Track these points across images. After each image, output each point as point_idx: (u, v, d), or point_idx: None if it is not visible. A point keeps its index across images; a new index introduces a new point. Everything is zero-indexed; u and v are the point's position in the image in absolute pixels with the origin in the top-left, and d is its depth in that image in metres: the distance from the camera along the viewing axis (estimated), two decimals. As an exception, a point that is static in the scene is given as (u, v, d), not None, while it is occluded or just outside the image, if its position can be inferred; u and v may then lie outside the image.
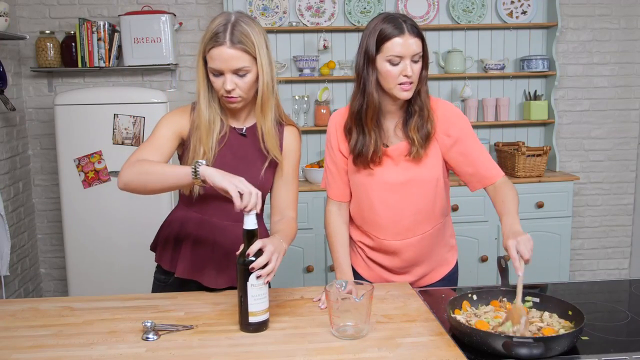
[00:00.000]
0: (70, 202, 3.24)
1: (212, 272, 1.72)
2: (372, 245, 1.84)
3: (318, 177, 3.46)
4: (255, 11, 3.69)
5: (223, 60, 1.54)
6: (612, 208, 4.09)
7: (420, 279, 1.87)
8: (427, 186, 1.76)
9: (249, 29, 1.56)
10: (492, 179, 1.73)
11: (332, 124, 1.82)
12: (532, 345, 1.22)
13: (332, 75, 3.72)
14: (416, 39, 1.62)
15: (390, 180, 1.75)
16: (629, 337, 1.41)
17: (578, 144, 4.01)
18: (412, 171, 1.74)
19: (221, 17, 1.58)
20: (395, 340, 1.39)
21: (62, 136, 3.21)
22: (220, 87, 1.58)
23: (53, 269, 3.89)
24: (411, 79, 1.63)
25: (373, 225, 1.81)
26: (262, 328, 1.45)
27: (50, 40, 3.51)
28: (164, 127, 1.66)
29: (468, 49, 3.84)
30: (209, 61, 1.57)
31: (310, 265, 3.44)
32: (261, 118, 1.65)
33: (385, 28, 1.62)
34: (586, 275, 4.14)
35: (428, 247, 1.83)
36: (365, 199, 1.79)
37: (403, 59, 1.62)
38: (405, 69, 1.62)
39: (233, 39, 1.54)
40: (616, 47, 3.93)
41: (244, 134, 1.70)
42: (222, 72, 1.56)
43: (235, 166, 1.65)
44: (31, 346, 1.38)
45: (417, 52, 1.63)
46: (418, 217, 1.78)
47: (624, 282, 1.89)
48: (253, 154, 1.70)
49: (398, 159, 1.74)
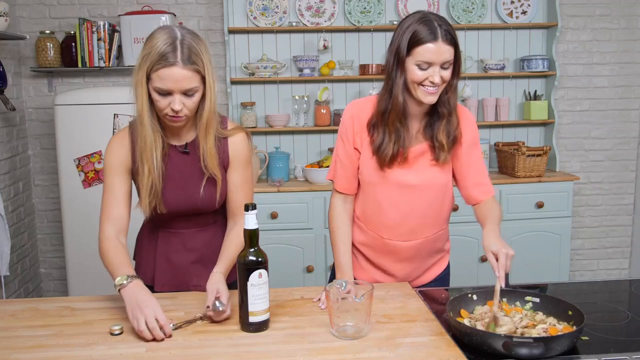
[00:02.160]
0: (70, 202, 3.24)
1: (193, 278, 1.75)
2: (373, 244, 1.83)
3: (318, 177, 3.46)
4: (255, 11, 3.69)
5: (174, 80, 1.48)
6: (612, 208, 4.09)
7: (413, 280, 1.87)
8: (438, 190, 1.75)
9: (197, 47, 1.51)
10: (490, 193, 1.76)
11: (348, 115, 1.77)
12: (532, 345, 1.23)
13: (332, 75, 3.72)
14: (449, 46, 1.58)
15: (402, 181, 1.73)
16: (629, 337, 1.41)
17: (578, 144, 4.01)
18: (426, 174, 1.73)
19: (164, 33, 1.50)
20: (395, 340, 1.39)
21: (62, 136, 3.21)
22: (166, 106, 1.52)
23: (53, 269, 3.89)
24: (436, 85, 1.61)
25: (378, 225, 1.80)
26: (263, 328, 1.45)
27: (50, 40, 3.51)
28: (111, 175, 1.65)
29: (468, 49, 3.84)
30: (156, 80, 1.49)
31: (310, 265, 3.44)
32: (204, 138, 1.61)
33: (420, 31, 1.57)
34: (586, 275, 4.14)
35: (426, 251, 1.84)
36: (373, 198, 1.78)
37: (432, 66, 1.59)
38: (432, 75, 1.59)
39: (184, 58, 1.48)
40: (616, 47, 3.93)
41: (186, 150, 1.67)
42: (171, 92, 1.50)
43: (181, 184, 1.67)
44: (31, 346, 1.38)
45: (449, 59, 1.59)
46: (424, 221, 1.78)
47: (624, 282, 1.90)
48: (193, 171, 1.67)
49: (413, 161, 1.73)
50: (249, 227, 1.43)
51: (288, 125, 3.75)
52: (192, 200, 1.68)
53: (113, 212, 1.65)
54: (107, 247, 1.61)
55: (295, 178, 3.73)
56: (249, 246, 1.44)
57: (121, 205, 1.66)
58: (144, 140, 1.58)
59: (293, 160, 3.82)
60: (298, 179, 3.69)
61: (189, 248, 1.75)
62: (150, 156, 1.59)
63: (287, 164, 3.67)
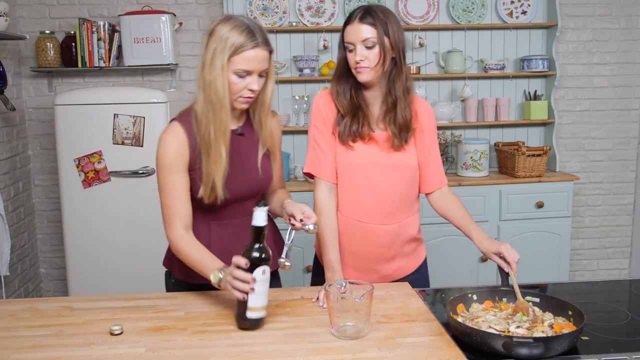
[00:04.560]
0: (70, 202, 3.24)
1: None
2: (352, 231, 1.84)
3: (318, 177, 3.46)
4: (255, 11, 3.69)
5: (257, 61, 1.57)
6: (612, 208, 4.09)
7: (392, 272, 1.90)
8: (407, 172, 1.84)
9: None
10: (442, 182, 1.90)
11: (319, 102, 1.88)
12: (532, 345, 1.23)
13: (332, 75, 3.71)
14: (366, 26, 1.71)
15: (375, 162, 1.81)
16: (629, 337, 1.41)
17: (578, 144, 4.01)
18: (395, 156, 1.82)
19: (233, 20, 1.58)
20: (395, 340, 1.39)
21: (62, 136, 3.21)
22: (242, 88, 1.59)
23: (53, 269, 3.89)
24: (362, 65, 1.72)
25: (357, 209, 1.83)
26: (258, 325, 1.45)
27: (50, 40, 3.51)
28: (172, 174, 1.64)
29: (468, 49, 3.84)
30: (239, 62, 1.56)
31: (310, 265, 3.44)
32: (267, 117, 1.71)
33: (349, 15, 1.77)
34: (586, 275, 4.14)
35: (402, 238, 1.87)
36: (350, 182, 1.83)
37: (355, 46, 1.73)
38: (356, 56, 1.73)
39: (263, 40, 1.58)
40: (616, 47, 3.93)
41: (242, 132, 1.72)
42: (251, 72, 1.58)
43: (239, 166, 1.69)
44: (31, 346, 1.39)
45: (367, 37, 1.71)
46: (397, 204, 1.84)
47: (624, 282, 1.90)
48: (248, 153, 1.73)
49: (383, 145, 1.82)
50: (257, 224, 1.44)
51: (288, 125, 3.75)
52: (252, 180, 1.73)
53: (180, 209, 1.64)
54: (185, 247, 1.62)
55: (295, 178, 3.73)
56: (254, 242, 1.44)
57: (185, 201, 1.65)
58: (221, 125, 1.60)
59: (293, 160, 3.82)
60: (298, 179, 3.69)
61: (244, 236, 1.71)
62: (226, 140, 1.62)
63: (287, 164, 3.67)
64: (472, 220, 1.83)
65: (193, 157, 1.64)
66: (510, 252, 1.63)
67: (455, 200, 1.90)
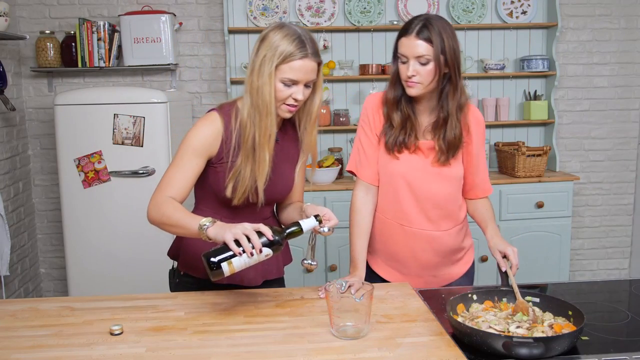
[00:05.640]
0: (70, 202, 3.23)
1: (250, 271, 1.71)
2: (395, 234, 1.86)
3: (319, 177, 3.46)
4: (255, 11, 3.69)
5: (305, 71, 1.57)
6: (612, 208, 4.09)
7: (438, 278, 1.91)
8: (452, 182, 1.83)
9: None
10: (488, 191, 1.90)
11: (368, 104, 1.87)
12: (532, 345, 1.23)
13: (332, 75, 3.72)
14: (422, 41, 1.67)
15: (419, 171, 1.80)
16: (629, 337, 1.41)
17: (578, 144, 4.01)
18: (440, 167, 1.81)
19: (285, 29, 1.58)
20: (395, 340, 1.39)
21: (62, 136, 3.20)
22: (287, 96, 1.59)
23: (53, 269, 3.89)
24: (413, 79, 1.70)
25: (399, 214, 1.85)
26: (218, 277, 1.44)
27: (50, 40, 3.51)
28: (189, 154, 1.63)
29: (468, 49, 3.84)
30: (286, 71, 1.56)
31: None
32: (312, 126, 1.71)
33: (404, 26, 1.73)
34: (586, 275, 4.14)
35: (446, 246, 1.87)
36: (392, 186, 1.83)
37: (409, 59, 1.69)
38: (408, 70, 1.70)
39: (313, 52, 1.59)
40: (616, 47, 3.93)
41: (277, 139, 1.71)
42: (298, 82, 1.58)
43: (276, 171, 1.70)
44: (31, 346, 1.38)
45: (422, 54, 1.67)
46: (440, 212, 1.84)
47: (624, 282, 1.90)
48: (284, 159, 1.75)
49: (428, 154, 1.81)
50: (303, 227, 1.52)
51: (288, 125, 3.75)
52: (285, 187, 1.77)
53: (176, 185, 1.62)
54: (170, 206, 1.56)
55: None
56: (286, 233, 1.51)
57: (187, 185, 1.63)
58: (267, 130, 1.61)
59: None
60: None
61: None
62: (271, 145, 1.63)
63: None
64: (493, 219, 1.86)
65: (222, 150, 1.65)
66: (514, 256, 1.67)
67: (486, 202, 1.90)
